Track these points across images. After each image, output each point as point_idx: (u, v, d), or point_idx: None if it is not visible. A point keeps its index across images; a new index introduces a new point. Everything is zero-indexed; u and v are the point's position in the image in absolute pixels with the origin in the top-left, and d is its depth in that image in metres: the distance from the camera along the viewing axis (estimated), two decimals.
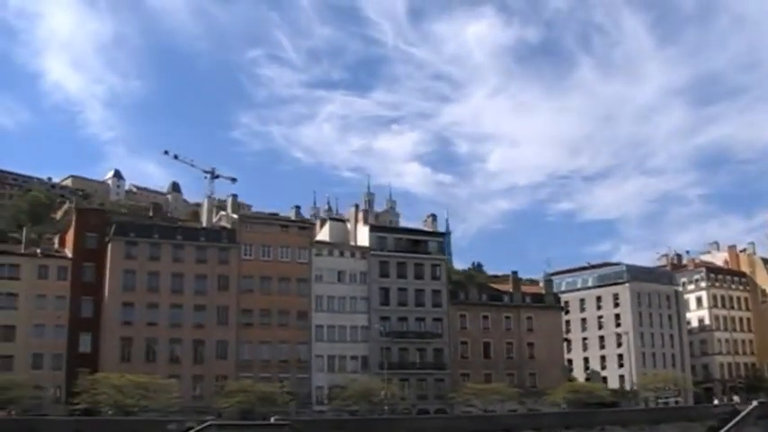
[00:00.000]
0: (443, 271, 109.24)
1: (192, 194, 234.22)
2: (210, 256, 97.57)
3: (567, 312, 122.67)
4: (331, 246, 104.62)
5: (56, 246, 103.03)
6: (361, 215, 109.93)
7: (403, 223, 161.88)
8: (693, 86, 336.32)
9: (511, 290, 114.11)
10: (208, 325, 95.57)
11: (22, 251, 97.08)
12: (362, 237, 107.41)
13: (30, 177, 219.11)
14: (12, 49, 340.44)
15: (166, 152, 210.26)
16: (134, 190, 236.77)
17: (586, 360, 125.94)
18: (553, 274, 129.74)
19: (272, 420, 72.83)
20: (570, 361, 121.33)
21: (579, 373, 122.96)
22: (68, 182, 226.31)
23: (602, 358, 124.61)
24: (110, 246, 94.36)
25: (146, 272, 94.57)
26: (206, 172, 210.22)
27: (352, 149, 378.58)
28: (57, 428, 65.41)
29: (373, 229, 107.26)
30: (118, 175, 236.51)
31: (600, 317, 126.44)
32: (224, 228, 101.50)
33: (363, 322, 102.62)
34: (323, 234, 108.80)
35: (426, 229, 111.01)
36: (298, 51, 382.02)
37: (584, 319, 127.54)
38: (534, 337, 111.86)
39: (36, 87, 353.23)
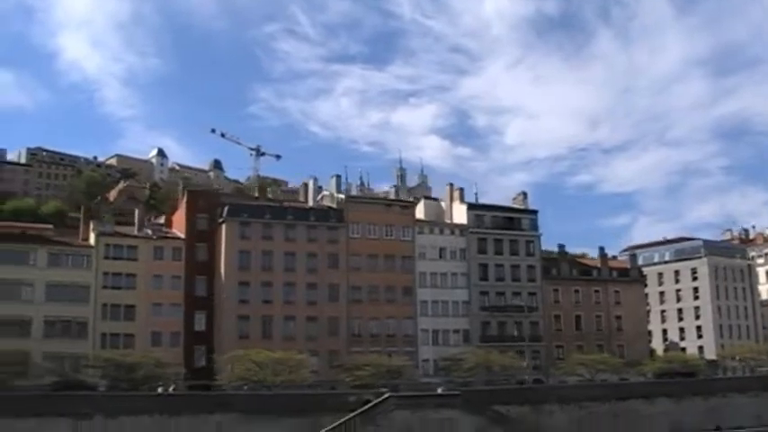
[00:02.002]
0: (537, 247, 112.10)
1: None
2: (320, 235, 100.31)
3: (646, 286, 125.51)
4: (432, 224, 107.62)
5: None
6: (456, 193, 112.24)
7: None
8: (713, 57, 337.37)
9: (599, 265, 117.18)
10: (320, 302, 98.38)
11: (136, 233, 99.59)
12: (457, 214, 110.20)
13: (77, 157, 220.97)
14: (29, 28, 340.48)
15: (213, 130, 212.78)
16: (177, 168, 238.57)
17: (665, 332, 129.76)
18: (628, 249, 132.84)
19: (439, 391, 75.82)
20: (649, 332, 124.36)
21: (658, 345, 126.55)
22: (113, 161, 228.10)
23: (681, 330, 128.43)
24: (224, 226, 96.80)
25: (260, 251, 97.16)
26: (251, 149, 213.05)
27: (370, 123, 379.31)
28: (249, 401, 67.99)
29: (471, 207, 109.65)
30: (161, 153, 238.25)
31: (678, 290, 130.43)
32: (331, 208, 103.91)
33: (464, 297, 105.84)
34: (418, 212, 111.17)
35: (517, 206, 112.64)
36: (314, 26, 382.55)
37: (662, 293, 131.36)
38: (621, 309, 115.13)
39: (53, 66, 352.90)
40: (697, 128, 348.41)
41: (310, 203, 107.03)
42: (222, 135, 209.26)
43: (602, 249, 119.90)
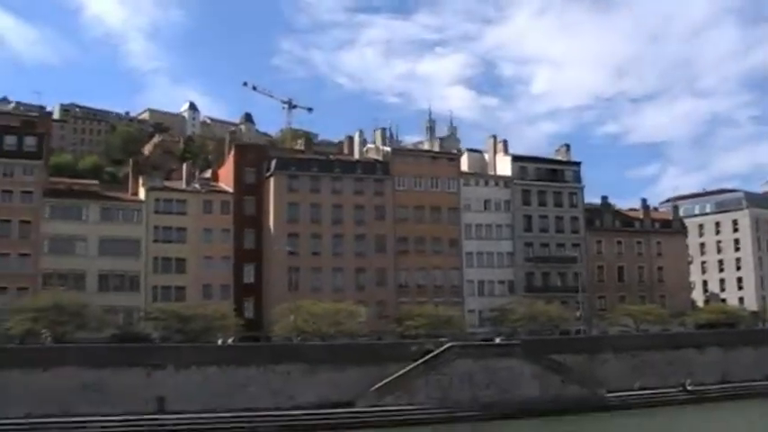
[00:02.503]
0: (580, 199, 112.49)
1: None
2: (367, 187, 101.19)
3: (686, 237, 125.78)
4: (477, 176, 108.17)
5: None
6: (500, 145, 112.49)
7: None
8: (746, 3, 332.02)
9: (641, 216, 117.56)
10: (367, 253, 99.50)
11: (184, 186, 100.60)
12: (501, 166, 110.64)
13: (108, 112, 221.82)
14: None
15: (245, 83, 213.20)
16: (208, 122, 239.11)
17: (705, 283, 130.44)
18: (669, 200, 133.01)
19: (498, 341, 77.24)
20: (690, 284, 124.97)
21: (698, 296, 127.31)
22: (146, 115, 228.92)
23: (721, 281, 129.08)
24: (272, 180, 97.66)
25: (308, 204, 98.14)
26: (284, 102, 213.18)
27: (395, 74, 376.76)
28: (315, 352, 69.36)
29: (515, 159, 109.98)
30: (193, 107, 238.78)
31: (719, 242, 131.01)
32: (377, 160, 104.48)
33: (508, 248, 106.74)
34: (462, 164, 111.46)
35: (560, 158, 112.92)
36: None
37: (702, 244, 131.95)
38: (663, 261, 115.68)
39: (77, 21, 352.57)
40: (727, 77, 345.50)
41: (356, 156, 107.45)
42: (254, 88, 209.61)
43: (644, 201, 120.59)
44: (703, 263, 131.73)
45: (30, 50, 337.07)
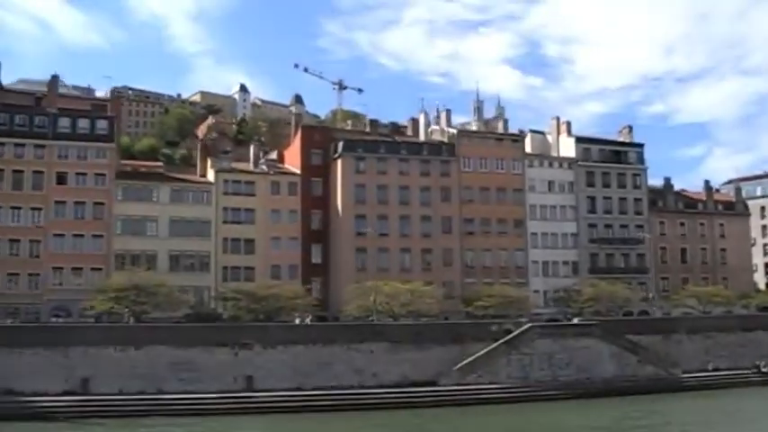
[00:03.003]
0: (643, 180, 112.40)
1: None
2: (433, 168, 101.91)
3: (749, 219, 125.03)
4: (541, 157, 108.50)
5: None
6: (563, 126, 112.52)
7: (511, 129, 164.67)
8: None
9: (704, 198, 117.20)
10: (434, 234, 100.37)
11: (251, 168, 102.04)
12: (564, 148, 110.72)
13: (161, 95, 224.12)
14: None
15: (296, 65, 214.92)
16: (258, 103, 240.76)
17: (766, 265, 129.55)
18: (730, 182, 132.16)
19: (575, 321, 78.02)
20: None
21: (759, 278, 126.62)
22: (197, 97, 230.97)
23: None
24: (339, 161, 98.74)
25: (375, 185, 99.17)
26: (334, 83, 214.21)
27: (439, 54, 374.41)
28: (397, 331, 70.46)
29: (579, 140, 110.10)
30: (243, 89, 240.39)
31: None
32: (443, 142, 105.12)
33: (572, 230, 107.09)
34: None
35: (623, 139, 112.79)
36: None
37: (764, 227, 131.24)
38: (726, 242, 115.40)
39: (122, 4, 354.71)
40: None
41: (422, 138, 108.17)
42: (305, 70, 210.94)
43: (707, 182, 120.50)
44: (765, 245, 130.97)
45: (78, 35, 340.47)
